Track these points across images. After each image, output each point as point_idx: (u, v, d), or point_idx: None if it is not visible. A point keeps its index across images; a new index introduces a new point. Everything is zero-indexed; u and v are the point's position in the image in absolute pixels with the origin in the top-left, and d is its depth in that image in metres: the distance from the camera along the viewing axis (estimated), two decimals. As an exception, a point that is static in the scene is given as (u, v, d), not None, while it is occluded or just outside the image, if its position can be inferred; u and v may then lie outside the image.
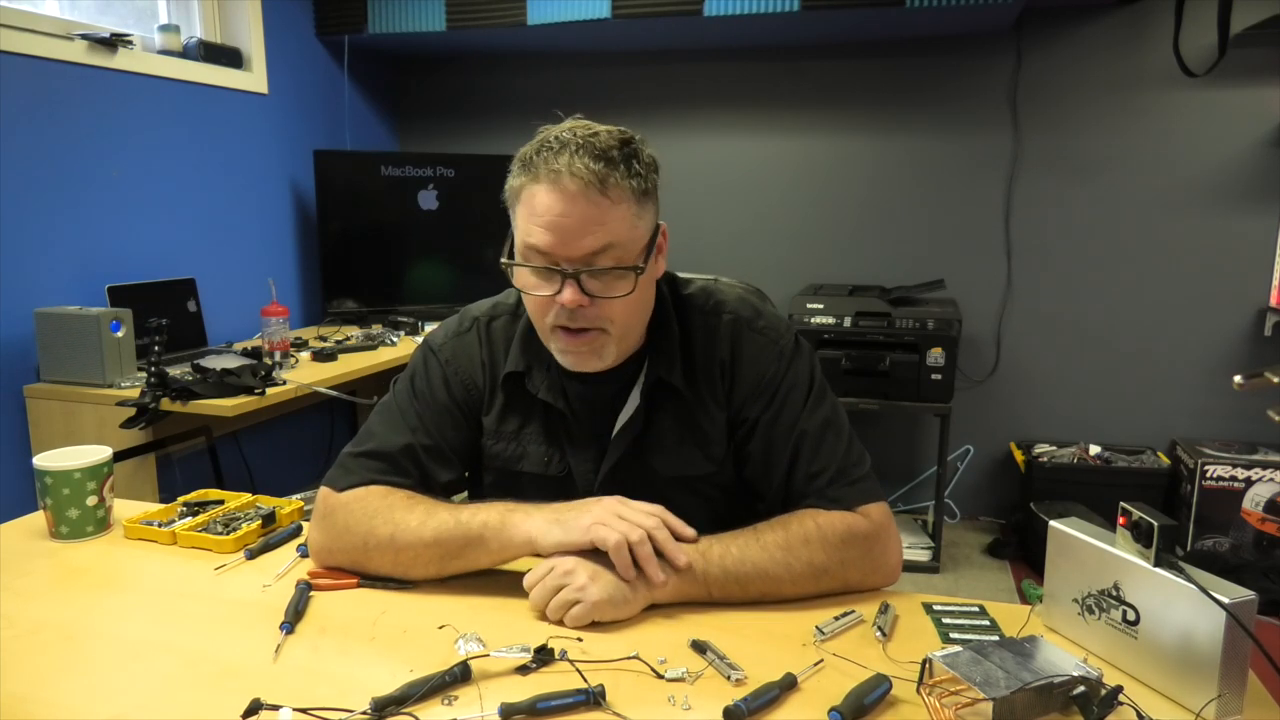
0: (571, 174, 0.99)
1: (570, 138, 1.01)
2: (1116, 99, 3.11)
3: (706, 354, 1.15)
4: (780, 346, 1.15)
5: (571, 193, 0.99)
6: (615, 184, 1.00)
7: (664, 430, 1.14)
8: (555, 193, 1.00)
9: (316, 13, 3.32)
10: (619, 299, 1.04)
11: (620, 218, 1.01)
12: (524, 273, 1.05)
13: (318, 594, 1.04)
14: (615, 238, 1.01)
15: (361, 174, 3.32)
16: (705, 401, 1.14)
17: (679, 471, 1.15)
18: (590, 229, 1.00)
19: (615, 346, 1.08)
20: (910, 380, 2.93)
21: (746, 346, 1.15)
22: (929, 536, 3.13)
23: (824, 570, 1.02)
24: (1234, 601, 0.77)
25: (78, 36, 2.39)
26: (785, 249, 3.51)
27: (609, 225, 1.01)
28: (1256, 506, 2.87)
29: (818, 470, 1.10)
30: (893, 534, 1.08)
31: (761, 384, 1.13)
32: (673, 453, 1.14)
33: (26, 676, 0.87)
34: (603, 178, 0.99)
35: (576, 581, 0.97)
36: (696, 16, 2.93)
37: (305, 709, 0.79)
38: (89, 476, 1.20)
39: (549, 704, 0.80)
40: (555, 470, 1.16)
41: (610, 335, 1.07)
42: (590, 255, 1.01)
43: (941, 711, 0.79)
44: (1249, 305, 3.08)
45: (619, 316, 1.06)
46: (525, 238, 1.03)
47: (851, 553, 1.04)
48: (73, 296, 2.37)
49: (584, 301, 1.03)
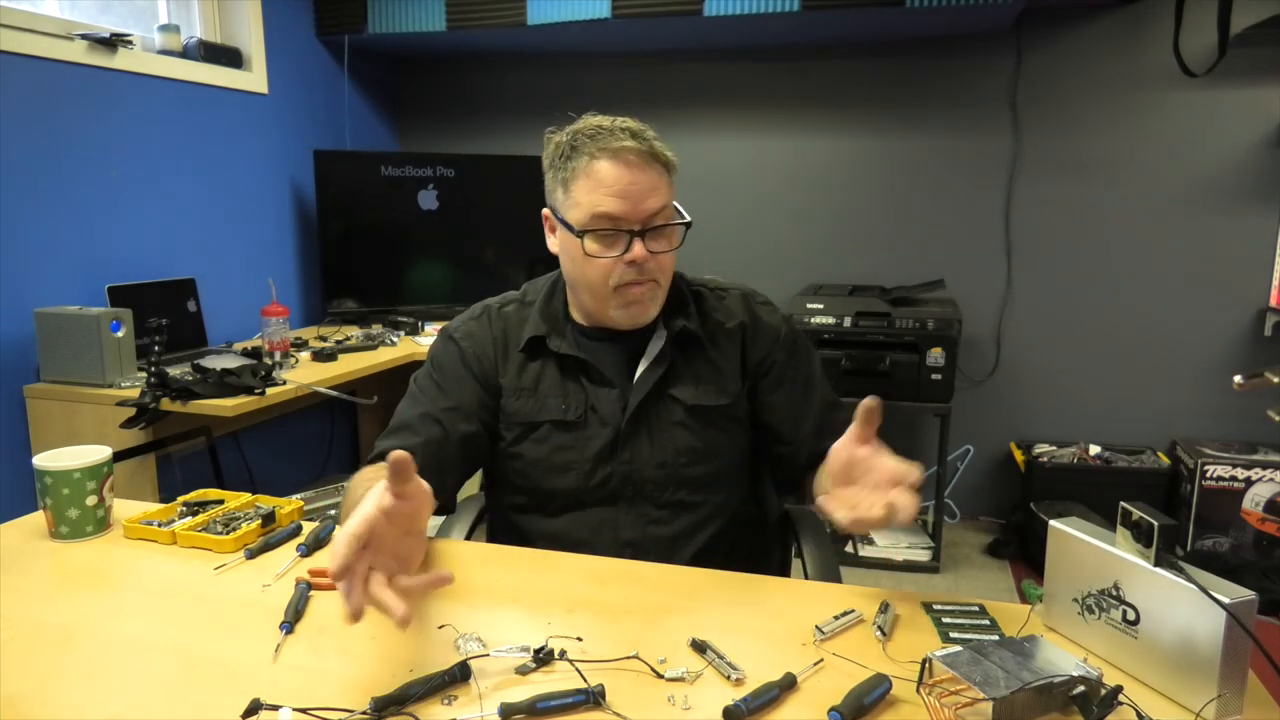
0: (632, 150, 1.17)
1: (611, 124, 1.20)
2: (1116, 99, 3.11)
3: (720, 315, 1.33)
4: (784, 315, 1.37)
5: (635, 164, 1.17)
6: (661, 155, 1.20)
7: (684, 370, 1.29)
8: (620, 166, 1.17)
9: (316, 13, 3.32)
10: (668, 253, 1.22)
11: (668, 184, 1.22)
12: (591, 241, 1.20)
13: (317, 594, 1.04)
14: (667, 199, 1.21)
15: (361, 174, 3.32)
16: (721, 346, 1.31)
17: (699, 401, 1.28)
18: (651, 194, 1.19)
19: (661, 296, 1.26)
20: (910, 380, 2.93)
21: (757, 309, 1.35)
22: (929, 536, 3.13)
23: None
24: (1234, 601, 0.77)
25: (78, 36, 2.39)
26: (785, 249, 3.52)
27: (662, 190, 1.20)
28: (1256, 506, 2.87)
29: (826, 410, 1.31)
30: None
31: (779, 337, 1.33)
32: (693, 387, 1.29)
33: (26, 676, 0.87)
34: (654, 151, 1.19)
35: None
36: (696, 16, 2.93)
37: (305, 709, 0.79)
38: (89, 476, 1.20)
39: (549, 704, 0.80)
40: (573, 415, 1.27)
41: (660, 286, 1.24)
42: (652, 215, 1.19)
43: (941, 711, 0.79)
44: (1249, 305, 3.08)
45: (667, 268, 1.25)
46: (594, 208, 1.18)
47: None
48: (73, 296, 2.37)
49: (649, 257, 1.19)
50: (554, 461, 1.27)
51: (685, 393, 1.28)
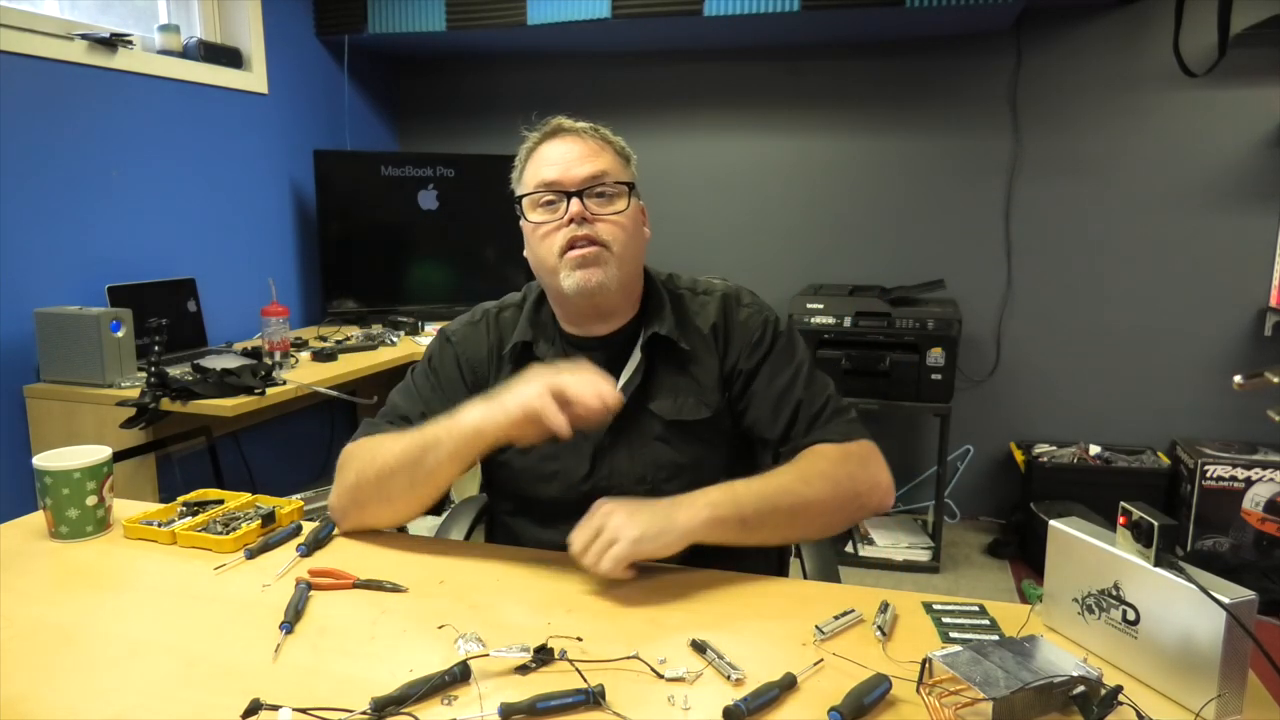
0: (569, 128, 1.24)
1: (555, 117, 1.26)
2: (1116, 99, 3.11)
3: (699, 320, 1.30)
4: (766, 316, 1.32)
5: (570, 139, 1.24)
6: (602, 135, 1.26)
7: (663, 381, 1.27)
8: (557, 143, 1.24)
9: (316, 13, 3.32)
10: (615, 216, 1.22)
11: (610, 157, 1.25)
12: (536, 211, 1.23)
13: (317, 594, 1.04)
14: (608, 167, 1.23)
15: (361, 174, 3.32)
16: (700, 355, 1.28)
17: (678, 416, 1.25)
18: (588, 160, 1.22)
19: (616, 268, 1.22)
20: (910, 380, 2.93)
21: (736, 312, 1.31)
22: (929, 536, 3.13)
23: (836, 481, 1.16)
24: (1234, 601, 0.77)
25: (78, 36, 2.39)
26: (785, 249, 3.51)
27: (602, 158, 1.23)
28: (1256, 506, 2.87)
29: (815, 412, 1.25)
30: (882, 460, 1.23)
31: (753, 340, 1.29)
32: (671, 400, 1.26)
33: (26, 676, 0.87)
34: (593, 129, 1.26)
35: (613, 522, 1.04)
36: (696, 16, 2.93)
37: (305, 709, 0.79)
38: (89, 476, 1.20)
39: (549, 704, 0.80)
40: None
41: (611, 252, 1.21)
42: (589, 178, 1.21)
43: (941, 711, 0.79)
44: (1249, 305, 3.08)
45: (617, 235, 1.22)
46: (535, 177, 1.23)
47: (851, 466, 1.19)
48: (73, 296, 2.37)
49: (587, 214, 1.20)
50: (541, 471, 1.26)
51: (663, 406, 1.25)
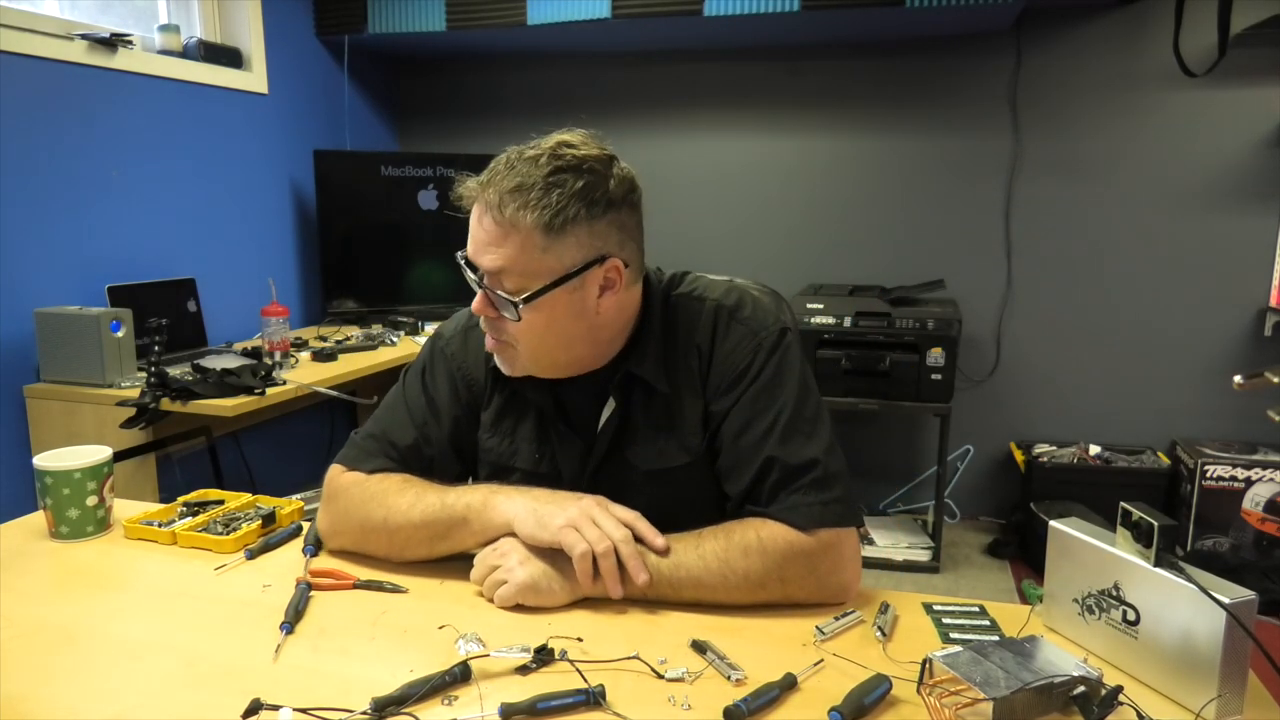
0: (486, 194, 1.02)
1: (508, 156, 1.04)
2: (1116, 99, 3.11)
3: (686, 342, 1.14)
4: (759, 339, 1.12)
5: (480, 211, 1.04)
6: (514, 214, 1.00)
7: (642, 425, 1.14)
8: (477, 206, 1.04)
9: (316, 13, 3.32)
10: (512, 322, 1.05)
11: (517, 245, 1.01)
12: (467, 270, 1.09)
13: (318, 594, 1.04)
14: (509, 264, 1.02)
15: (361, 174, 3.32)
16: (682, 393, 1.13)
17: (656, 465, 1.13)
18: (489, 249, 1.03)
19: (527, 362, 1.10)
20: (910, 380, 2.93)
21: (725, 334, 1.13)
22: (929, 536, 3.13)
23: (761, 583, 1.00)
24: (1234, 601, 0.77)
25: (78, 36, 2.39)
26: (785, 249, 3.51)
27: (504, 250, 1.02)
28: (1256, 506, 2.87)
29: (786, 476, 1.04)
30: (846, 555, 1.03)
31: (733, 376, 1.11)
32: (650, 446, 1.13)
33: (26, 676, 0.87)
34: (503, 205, 1.00)
35: (508, 563, 1.02)
36: (696, 16, 2.93)
37: (305, 709, 0.79)
38: (89, 476, 1.20)
39: (549, 704, 0.80)
40: (545, 469, 1.17)
41: (517, 351, 1.08)
42: (489, 273, 1.04)
43: (941, 711, 0.79)
44: (1249, 305, 3.08)
45: (521, 338, 1.07)
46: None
47: (793, 569, 1.00)
48: (73, 296, 2.37)
49: (489, 312, 1.07)
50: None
51: (641, 455, 1.13)
